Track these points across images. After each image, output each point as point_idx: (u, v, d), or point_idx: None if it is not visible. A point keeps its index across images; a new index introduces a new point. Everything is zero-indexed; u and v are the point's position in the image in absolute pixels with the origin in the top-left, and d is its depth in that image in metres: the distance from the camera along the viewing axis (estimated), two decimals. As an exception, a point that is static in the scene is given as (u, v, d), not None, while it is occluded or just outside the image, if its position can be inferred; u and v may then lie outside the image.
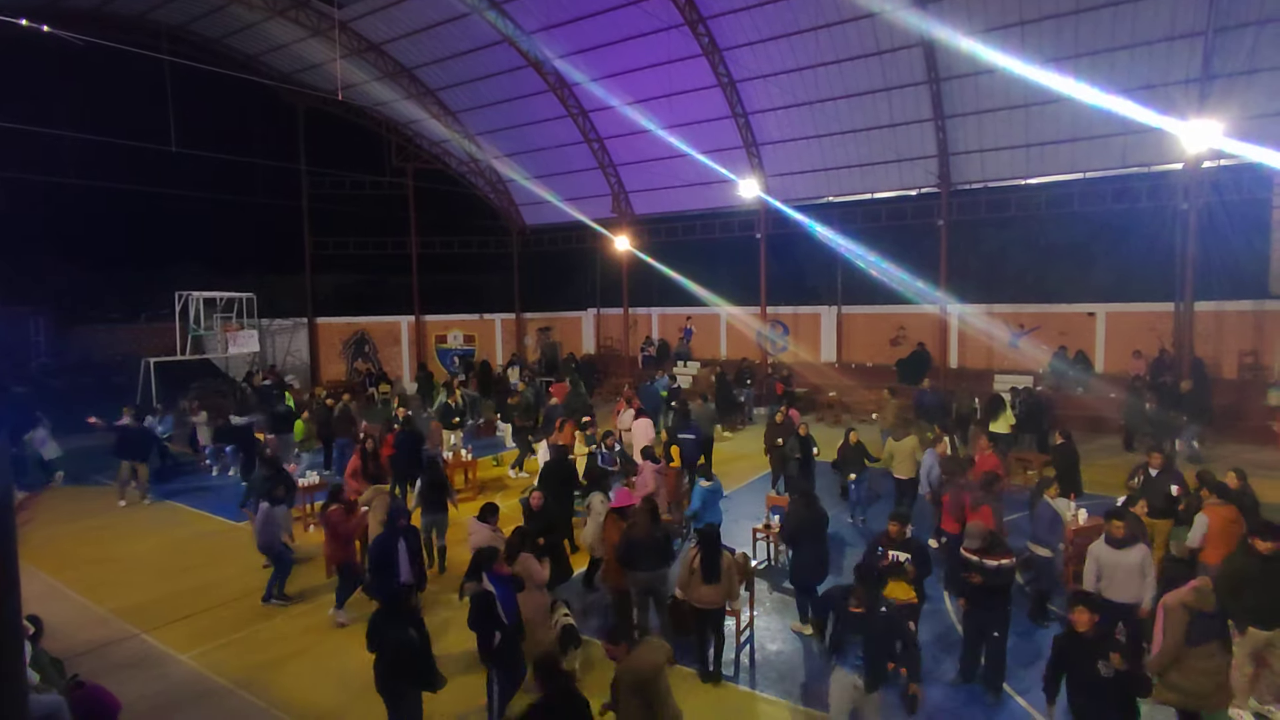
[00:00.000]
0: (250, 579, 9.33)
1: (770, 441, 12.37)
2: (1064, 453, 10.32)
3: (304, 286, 25.59)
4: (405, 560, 6.89)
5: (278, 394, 18.03)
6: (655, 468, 10.47)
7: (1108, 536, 6.65)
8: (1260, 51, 14.52)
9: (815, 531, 7.74)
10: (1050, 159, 18.20)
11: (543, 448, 11.66)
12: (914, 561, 6.79)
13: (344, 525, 8.37)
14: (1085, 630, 5.06)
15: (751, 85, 19.72)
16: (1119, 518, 6.72)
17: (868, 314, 23.04)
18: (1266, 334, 17.12)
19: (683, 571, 6.85)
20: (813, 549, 7.68)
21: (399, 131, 26.12)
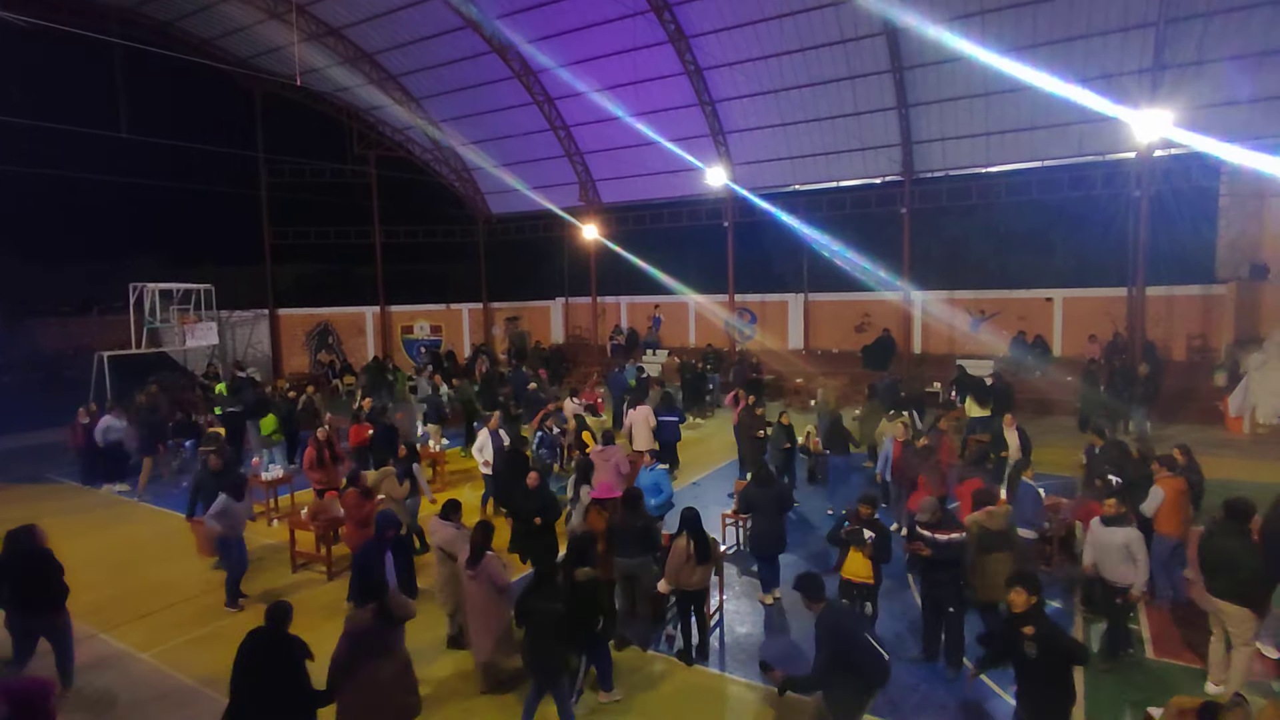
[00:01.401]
0: (212, 575, 9.14)
1: (750, 432, 12.01)
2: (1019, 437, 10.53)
3: (264, 277, 25.02)
4: (393, 574, 6.42)
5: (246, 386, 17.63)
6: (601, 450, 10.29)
7: (1102, 515, 6.80)
8: (1207, 44, 14.96)
9: (769, 506, 8.10)
10: (1010, 147, 18.55)
11: (483, 435, 11.34)
12: (876, 542, 6.91)
13: (359, 510, 8.34)
14: (1020, 611, 5.12)
15: (718, 73, 19.73)
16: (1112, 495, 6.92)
17: (834, 301, 23.32)
18: (1213, 318, 17.75)
19: (675, 559, 6.87)
20: (769, 521, 8.06)
21: (360, 118, 25.60)
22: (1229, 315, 17.07)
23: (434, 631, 7.69)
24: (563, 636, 5.79)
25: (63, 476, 14.20)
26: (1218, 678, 6.29)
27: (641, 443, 12.54)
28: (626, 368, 18.98)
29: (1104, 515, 6.79)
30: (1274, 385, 14.83)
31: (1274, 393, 14.84)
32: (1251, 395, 15.12)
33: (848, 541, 6.96)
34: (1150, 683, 6.50)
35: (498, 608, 6.48)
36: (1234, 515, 6.22)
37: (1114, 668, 6.66)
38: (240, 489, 8.64)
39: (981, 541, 6.82)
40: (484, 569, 6.37)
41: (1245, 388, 15.21)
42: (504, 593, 6.54)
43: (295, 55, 19.38)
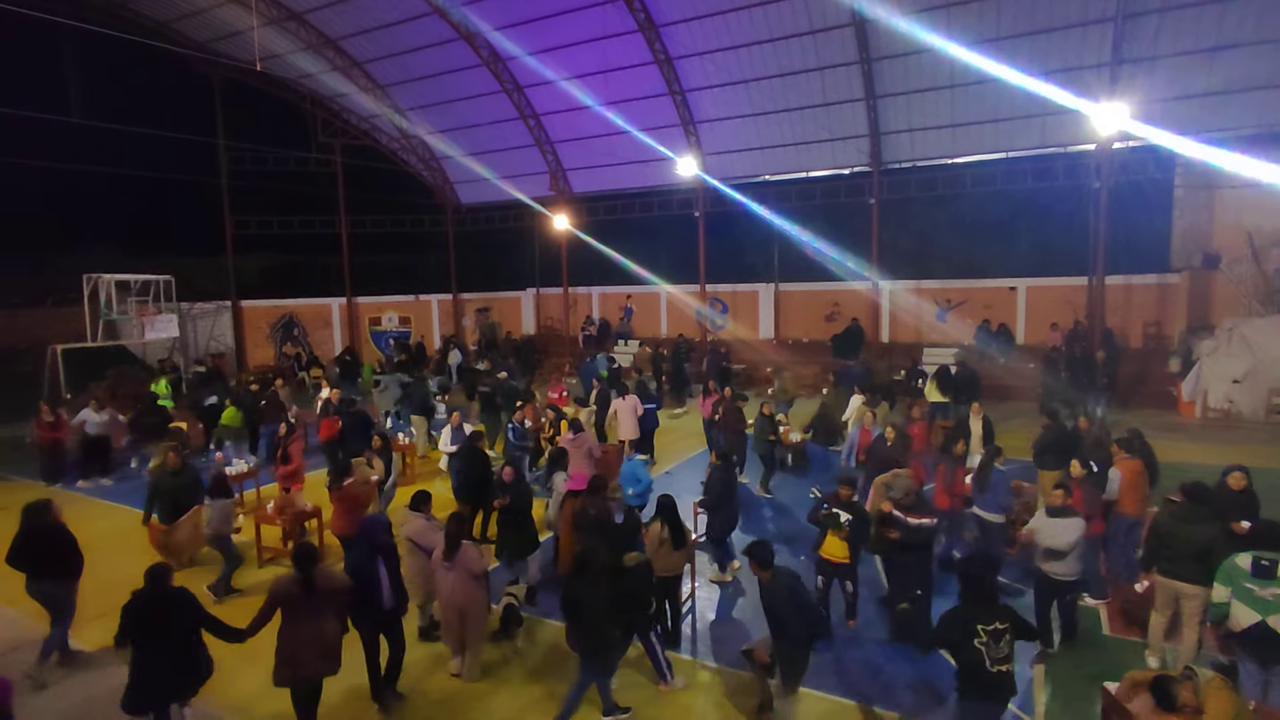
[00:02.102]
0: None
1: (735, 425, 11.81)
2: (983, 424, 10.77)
3: (226, 268, 24.43)
4: (386, 583, 6.14)
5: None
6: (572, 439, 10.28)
7: (1048, 506, 6.85)
8: (1162, 38, 15.34)
9: (732, 492, 8.40)
10: (975, 138, 18.85)
11: (446, 433, 11.31)
12: (852, 525, 7.03)
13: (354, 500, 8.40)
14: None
15: (688, 63, 19.69)
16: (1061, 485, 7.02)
17: (804, 291, 23.54)
18: (1168, 306, 18.30)
19: (650, 545, 6.93)
20: (730, 507, 8.35)
21: (325, 106, 25.07)
22: (1182, 303, 17.62)
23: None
24: (614, 622, 5.90)
25: (17, 474, 13.74)
26: (1157, 651, 6.53)
27: (626, 431, 12.60)
28: (598, 358, 18.96)
29: (1049, 506, 6.81)
30: (1224, 371, 15.36)
31: (1224, 378, 15.37)
32: (1203, 381, 15.63)
33: (825, 523, 7.06)
34: (1106, 658, 6.71)
35: (475, 596, 6.51)
36: (1198, 499, 6.40)
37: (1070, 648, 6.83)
38: (224, 486, 8.55)
39: (885, 494, 7.78)
40: (461, 559, 6.42)
41: (1197, 373, 15.72)
42: (480, 581, 6.58)
43: (255, 40, 18.88)
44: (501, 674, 6.78)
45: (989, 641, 4.83)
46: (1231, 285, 16.81)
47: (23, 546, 6.75)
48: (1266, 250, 16.40)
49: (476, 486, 9.47)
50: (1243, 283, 16.61)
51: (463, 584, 6.44)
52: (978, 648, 4.83)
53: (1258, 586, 5.24)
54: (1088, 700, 5.78)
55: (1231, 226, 16.96)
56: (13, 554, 6.74)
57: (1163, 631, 6.49)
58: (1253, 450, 12.93)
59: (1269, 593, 5.19)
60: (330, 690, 5.90)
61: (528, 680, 6.68)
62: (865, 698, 6.22)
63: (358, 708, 6.35)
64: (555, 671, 6.75)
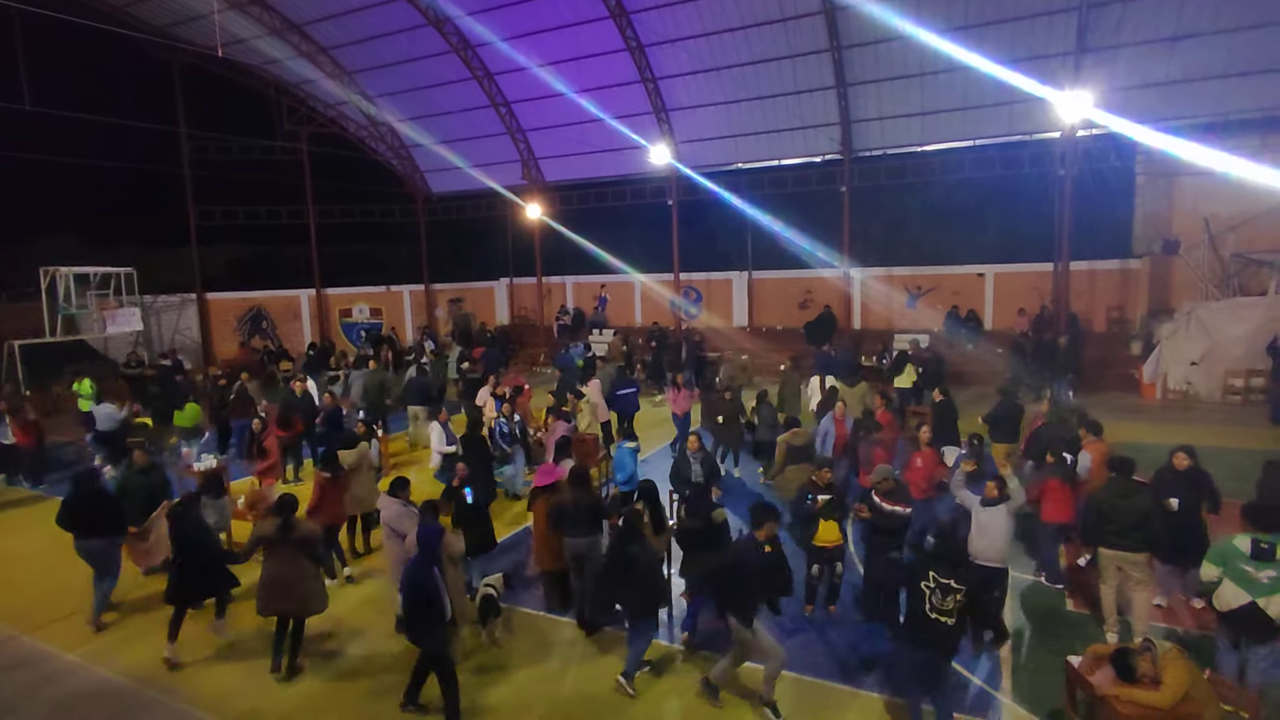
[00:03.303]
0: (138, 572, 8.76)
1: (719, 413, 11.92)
2: (942, 409, 11.00)
3: (190, 260, 23.90)
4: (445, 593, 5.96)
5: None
6: (568, 426, 10.50)
7: (982, 497, 6.83)
8: (1124, 28, 15.63)
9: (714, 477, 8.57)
10: (944, 126, 19.07)
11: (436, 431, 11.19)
12: (833, 504, 7.15)
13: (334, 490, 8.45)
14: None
15: (660, 50, 19.61)
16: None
17: (777, 279, 23.69)
18: (1130, 291, 18.75)
19: None
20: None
21: (290, 93, 24.53)
22: (1144, 288, 18.06)
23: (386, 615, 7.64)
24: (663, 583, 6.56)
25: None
26: (1112, 622, 6.74)
27: (598, 413, 12.67)
28: (572, 348, 18.93)
29: (984, 497, 6.76)
30: (1183, 353, 15.81)
31: (1182, 361, 15.82)
32: (1163, 363, 16.08)
33: (820, 514, 7.11)
34: (1070, 633, 6.93)
35: (453, 579, 6.53)
36: (1127, 473, 6.65)
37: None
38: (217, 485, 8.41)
39: (790, 454, 8.83)
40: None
41: (1157, 356, 16.17)
42: (454, 565, 6.61)
43: (216, 24, 18.38)
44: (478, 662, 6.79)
45: (935, 590, 5.22)
46: (1190, 270, 17.27)
47: (73, 510, 7.56)
48: (1222, 236, 16.87)
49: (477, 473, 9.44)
50: (1200, 268, 17.07)
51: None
52: (923, 590, 5.26)
53: (1254, 569, 5.31)
54: (1052, 674, 5.96)
55: (1190, 213, 17.40)
56: (63, 515, 7.60)
57: (1114, 603, 6.70)
58: (1209, 430, 13.36)
59: (1264, 575, 5.27)
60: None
61: (507, 670, 6.70)
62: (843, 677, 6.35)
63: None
64: (533, 660, 6.78)
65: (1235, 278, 16.65)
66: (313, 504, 8.47)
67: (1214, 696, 4.86)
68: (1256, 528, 5.52)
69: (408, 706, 6.04)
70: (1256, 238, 16.44)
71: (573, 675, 6.51)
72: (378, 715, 6.11)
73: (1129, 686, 4.89)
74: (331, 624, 7.54)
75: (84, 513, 7.58)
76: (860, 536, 8.29)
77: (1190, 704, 4.72)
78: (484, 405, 12.58)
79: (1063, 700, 5.45)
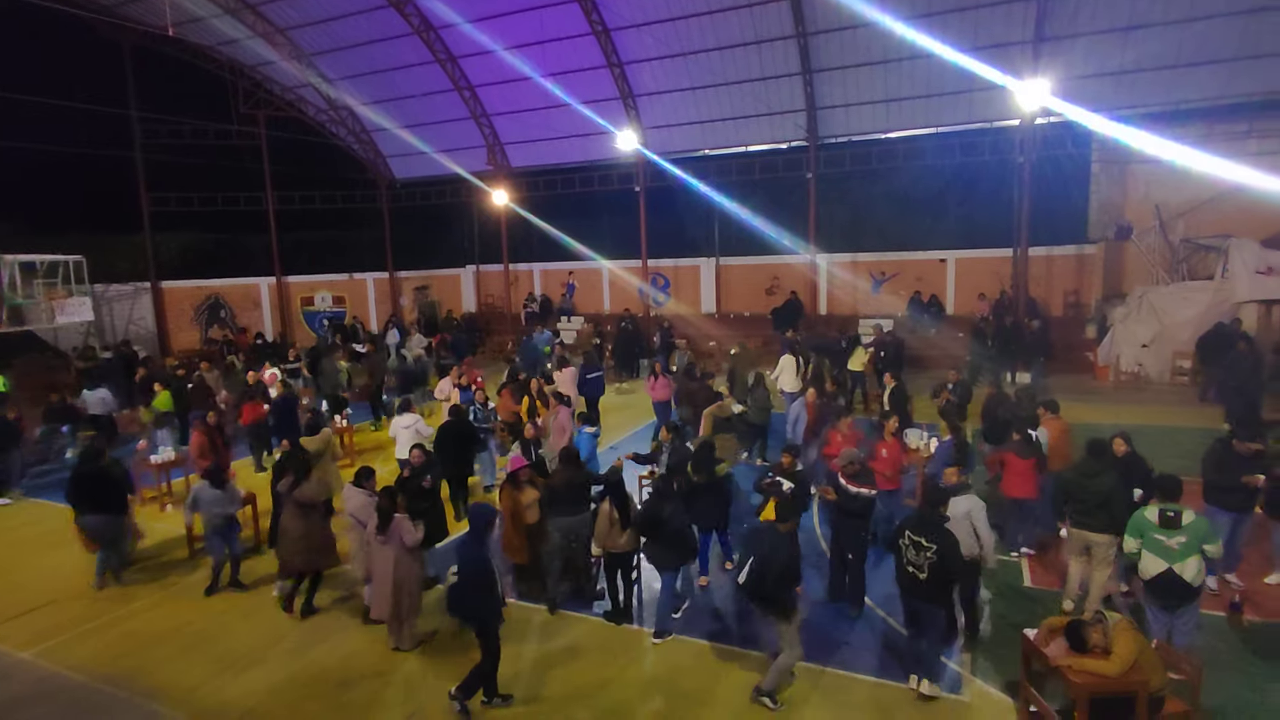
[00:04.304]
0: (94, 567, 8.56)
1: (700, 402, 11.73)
2: (895, 394, 11.13)
3: (143, 247, 23.15)
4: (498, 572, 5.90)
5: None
6: (570, 410, 10.52)
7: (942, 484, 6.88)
8: (1080, 16, 15.96)
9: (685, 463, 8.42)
10: (907, 114, 19.30)
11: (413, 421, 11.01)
12: (794, 491, 7.23)
13: None
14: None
15: (626, 34, 19.46)
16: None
17: (744, 265, 23.82)
18: (1085, 275, 19.26)
19: (601, 523, 6.95)
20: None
21: (246, 75, 23.81)
22: (1098, 273, 18.57)
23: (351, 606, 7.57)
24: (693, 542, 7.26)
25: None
26: (1072, 595, 6.99)
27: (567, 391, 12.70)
28: (536, 335, 18.80)
29: (944, 484, 6.76)
30: (1134, 336, 16.32)
31: (1134, 343, 16.33)
32: (1115, 346, 16.58)
33: (769, 491, 7.24)
34: (1026, 608, 7.15)
35: (410, 569, 6.56)
36: (1096, 455, 6.87)
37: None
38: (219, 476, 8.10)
39: (715, 426, 9.37)
40: (394, 532, 6.49)
41: (1110, 339, 16.66)
42: (415, 554, 6.62)
43: (167, 3, 17.74)
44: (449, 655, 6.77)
45: (909, 547, 5.83)
46: (1142, 255, 17.79)
47: (78, 485, 8.13)
48: (1172, 222, 17.39)
49: (456, 458, 9.61)
50: (1151, 253, 17.60)
51: (398, 557, 6.50)
52: (900, 546, 5.91)
53: (1165, 536, 5.61)
54: (1010, 647, 6.15)
55: (1141, 200, 17.91)
56: (69, 491, 8.17)
57: (1079, 577, 6.94)
58: (1158, 410, 13.85)
59: (1174, 542, 5.57)
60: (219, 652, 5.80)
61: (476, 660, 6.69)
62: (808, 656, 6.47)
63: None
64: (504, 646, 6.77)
65: (1184, 263, 17.20)
66: None
67: (1161, 664, 5.07)
68: (1162, 497, 5.80)
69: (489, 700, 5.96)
70: (1204, 224, 16.99)
71: (545, 663, 6.52)
72: (346, 705, 6.07)
73: (1081, 657, 5.07)
74: (295, 618, 7.46)
75: (86, 490, 8.07)
76: (826, 519, 8.45)
77: (1138, 672, 4.92)
78: (447, 397, 12.40)
79: (1019, 672, 5.63)
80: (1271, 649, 6.34)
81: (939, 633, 6.01)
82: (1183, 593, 5.60)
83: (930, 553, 5.68)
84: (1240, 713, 5.54)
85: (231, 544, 8.14)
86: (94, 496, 8.10)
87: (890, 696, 5.91)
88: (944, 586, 5.82)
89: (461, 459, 9.83)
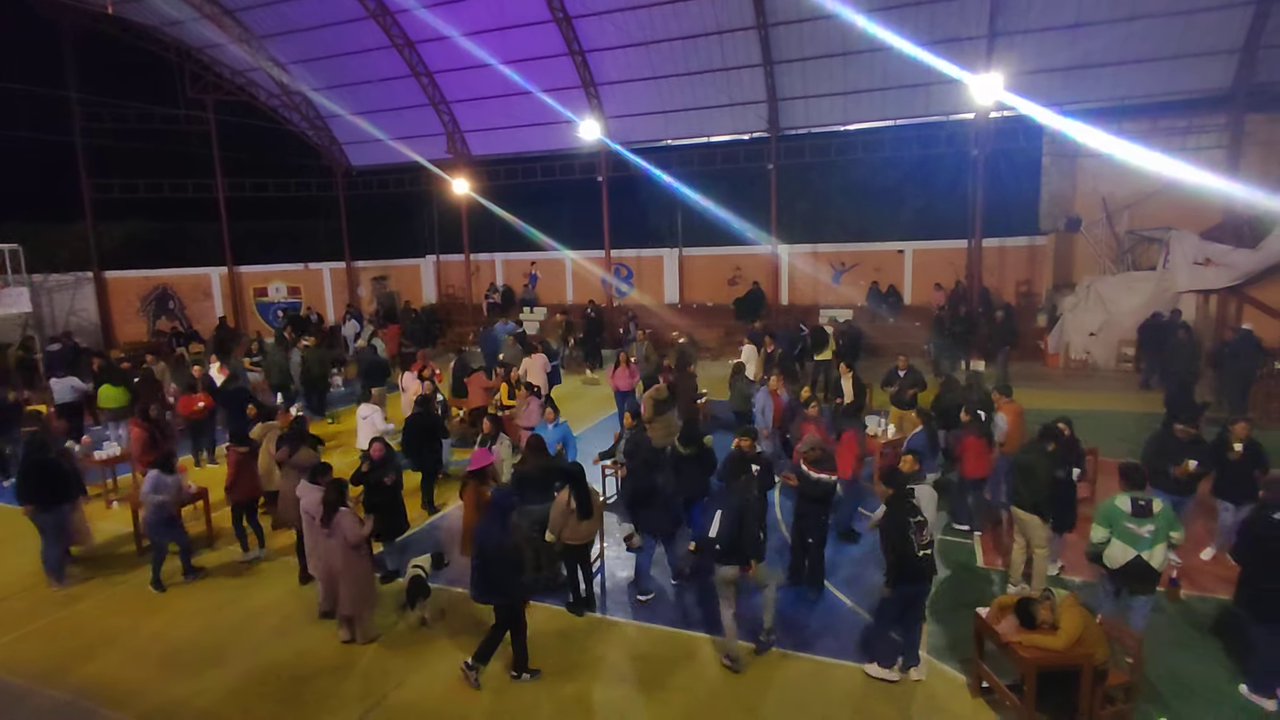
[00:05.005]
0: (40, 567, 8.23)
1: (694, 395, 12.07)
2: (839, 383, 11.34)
3: (85, 236, 22.23)
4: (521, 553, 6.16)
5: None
6: (540, 401, 10.44)
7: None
8: (1032, 12, 16.34)
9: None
10: (865, 106, 19.54)
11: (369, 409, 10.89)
12: (759, 473, 7.33)
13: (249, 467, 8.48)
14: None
15: (587, 22, 19.28)
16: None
17: (707, 256, 23.92)
18: (1037, 266, 19.82)
19: (557, 514, 6.91)
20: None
21: (193, 57, 22.95)
22: (1049, 264, 19.12)
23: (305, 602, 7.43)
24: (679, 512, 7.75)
25: None
26: (1016, 578, 7.20)
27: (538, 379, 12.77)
28: (498, 326, 18.61)
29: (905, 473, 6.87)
30: (1082, 325, 16.87)
31: (1082, 331, 16.89)
32: (1065, 334, 17.13)
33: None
34: (978, 588, 7.37)
35: (354, 562, 6.50)
36: (1042, 436, 7.12)
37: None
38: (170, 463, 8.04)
39: (655, 408, 9.73)
40: (338, 526, 6.42)
41: (1060, 328, 17.20)
42: (360, 549, 6.55)
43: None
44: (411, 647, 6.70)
45: (916, 530, 5.72)
46: (1090, 247, 18.37)
47: (26, 478, 7.93)
48: (1118, 214, 17.98)
49: (421, 449, 9.69)
50: (1099, 244, 18.18)
51: (341, 551, 6.43)
52: (910, 537, 5.69)
53: (1135, 525, 5.73)
54: (963, 625, 6.33)
55: (1089, 193, 18.46)
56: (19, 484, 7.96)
57: (1022, 559, 7.16)
58: (1104, 395, 14.38)
59: (1144, 530, 5.70)
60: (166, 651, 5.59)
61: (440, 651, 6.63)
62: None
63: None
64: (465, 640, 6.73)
65: (1129, 253, 17.81)
66: (229, 480, 8.34)
67: (1104, 638, 5.28)
68: (1132, 486, 5.97)
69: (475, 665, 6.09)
70: (1147, 216, 17.60)
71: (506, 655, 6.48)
72: (303, 700, 5.96)
73: (1030, 633, 5.25)
74: (249, 615, 7.31)
75: (35, 484, 7.86)
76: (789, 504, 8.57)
77: (1083, 645, 5.12)
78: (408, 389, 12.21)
79: (972, 649, 5.80)
80: (1206, 621, 6.64)
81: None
82: (1150, 578, 5.78)
83: (928, 530, 5.82)
84: (1177, 682, 5.79)
85: (178, 534, 8.02)
86: (46, 488, 7.86)
87: (849, 677, 6.03)
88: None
89: (428, 452, 9.83)
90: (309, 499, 6.82)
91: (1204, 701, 5.59)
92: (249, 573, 8.24)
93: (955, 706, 5.67)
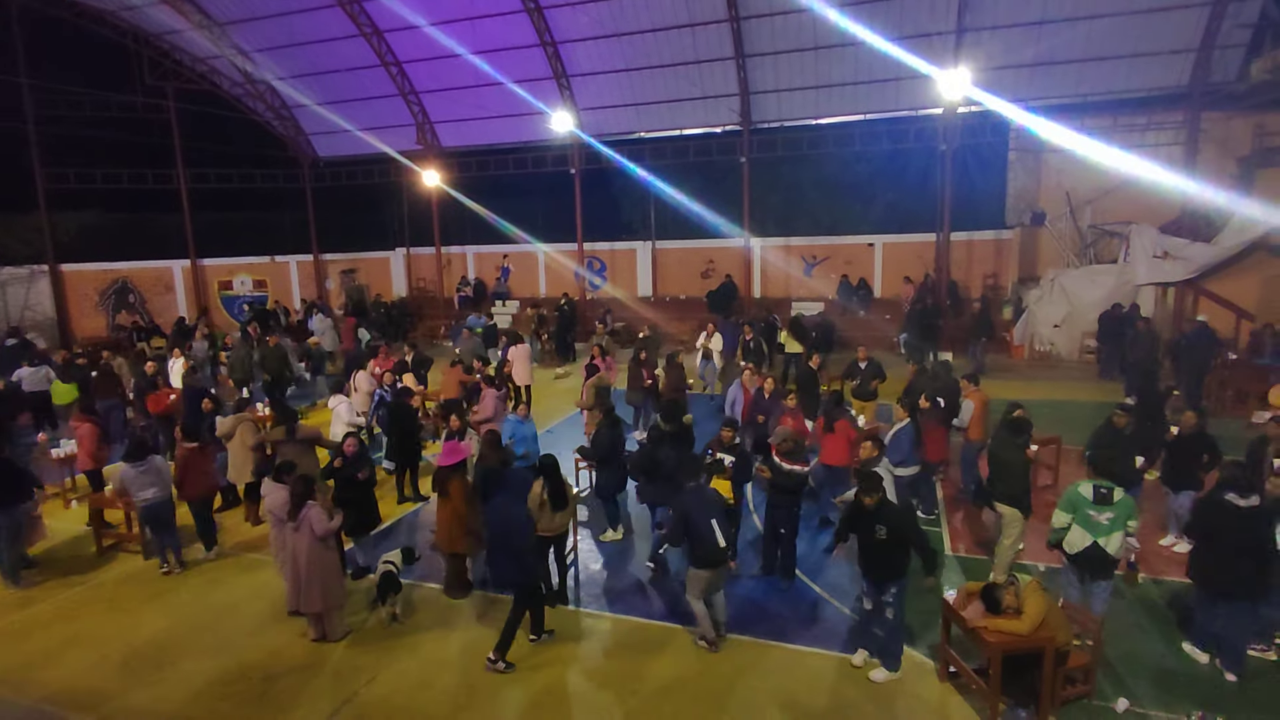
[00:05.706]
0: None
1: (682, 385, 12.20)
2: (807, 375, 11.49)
3: (40, 227, 21.54)
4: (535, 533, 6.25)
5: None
6: (497, 394, 10.34)
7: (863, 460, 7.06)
8: (999, 9, 16.60)
9: (620, 448, 8.56)
10: (836, 100, 19.69)
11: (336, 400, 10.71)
12: (735, 465, 7.37)
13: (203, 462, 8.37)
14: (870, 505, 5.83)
15: (559, 12, 19.13)
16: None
17: (680, 249, 23.95)
18: (1003, 259, 20.19)
19: (531, 506, 6.84)
20: (618, 464, 8.49)
21: (151, 44, 22.30)
22: (1014, 257, 19.49)
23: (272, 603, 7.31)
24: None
25: None
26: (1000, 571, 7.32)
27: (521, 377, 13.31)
28: (470, 319, 18.45)
29: (863, 459, 6.98)
30: (1046, 317, 17.24)
31: (1046, 323, 17.25)
32: (1030, 326, 17.49)
33: (710, 469, 7.31)
34: (950, 573, 7.50)
35: (322, 557, 6.43)
36: (1011, 431, 7.24)
37: None
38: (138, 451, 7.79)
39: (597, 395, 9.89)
40: (305, 520, 6.34)
41: (1025, 320, 17.55)
42: (327, 543, 6.48)
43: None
44: (382, 643, 6.63)
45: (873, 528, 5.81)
46: (1054, 241, 18.75)
47: None
48: (1081, 209, 18.38)
49: (402, 443, 9.74)
50: (1063, 238, 18.57)
51: (308, 545, 6.35)
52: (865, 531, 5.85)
53: (1095, 512, 5.89)
54: (931, 611, 6.44)
55: (1054, 188, 18.85)
56: None
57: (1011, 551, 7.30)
58: (1068, 385, 14.72)
59: (1104, 517, 5.87)
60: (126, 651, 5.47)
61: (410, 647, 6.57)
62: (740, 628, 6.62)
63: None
64: (436, 636, 6.69)
65: (1091, 247, 18.22)
66: (178, 478, 8.14)
67: (1067, 622, 5.42)
68: (1097, 474, 6.13)
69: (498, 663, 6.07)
70: (1109, 211, 18.03)
71: (477, 649, 6.45)
72: (275, 698, 5.87)
73: (995, 618, 5.36)
74: (217, 614, 7.17)
75: None
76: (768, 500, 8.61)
77: (1046, 629, 5.24)
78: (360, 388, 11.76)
79: (940, 634, 5.91)
80: (1163, 604, 6.85)
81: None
82: (1107, 564, 5.95)
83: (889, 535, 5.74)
84: (1135, 662, 5.97)
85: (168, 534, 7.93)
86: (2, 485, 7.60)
87: (820, 664, 6.11)
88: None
89: (407, 441, 9.87)
90: (274, 498, 6.70)
91: (1160, 680, 5.76)
92: (215, 571, 8.09)
93: (923, 690, 5.78)
